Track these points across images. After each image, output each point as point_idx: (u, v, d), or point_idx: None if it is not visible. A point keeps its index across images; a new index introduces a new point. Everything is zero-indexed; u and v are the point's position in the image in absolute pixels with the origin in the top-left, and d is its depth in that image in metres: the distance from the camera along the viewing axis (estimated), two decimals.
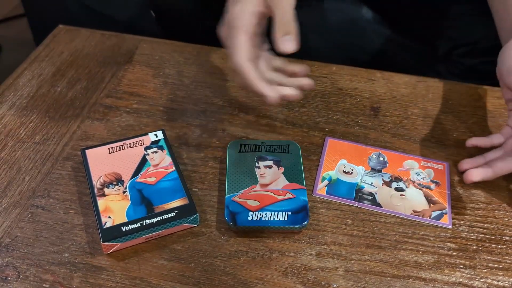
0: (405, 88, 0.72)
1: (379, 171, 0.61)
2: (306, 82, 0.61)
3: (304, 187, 0.57)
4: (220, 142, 0.63)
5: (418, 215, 0.56)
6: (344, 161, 0.61)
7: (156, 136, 0.61)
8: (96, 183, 0.55)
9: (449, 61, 0.60)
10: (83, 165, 0.58)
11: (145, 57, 0.76)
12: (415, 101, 0.71)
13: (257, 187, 0.56)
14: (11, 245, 0.52)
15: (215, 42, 0.77)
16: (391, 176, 0.60)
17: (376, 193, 0.58)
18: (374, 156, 0.62)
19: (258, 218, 0.53)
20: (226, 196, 0.55)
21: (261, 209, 0.54)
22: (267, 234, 0.54)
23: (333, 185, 0.59)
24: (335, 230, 0.55)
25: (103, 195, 0.54)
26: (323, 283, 0.50)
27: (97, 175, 0.56)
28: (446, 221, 0.56)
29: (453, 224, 0.56)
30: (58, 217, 0.55)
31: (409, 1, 0.86)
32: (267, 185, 0.56)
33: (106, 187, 0.55)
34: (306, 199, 0.55)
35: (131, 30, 0.84)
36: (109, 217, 0.52)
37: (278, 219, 0.53)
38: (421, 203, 0.57)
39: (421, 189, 0.59)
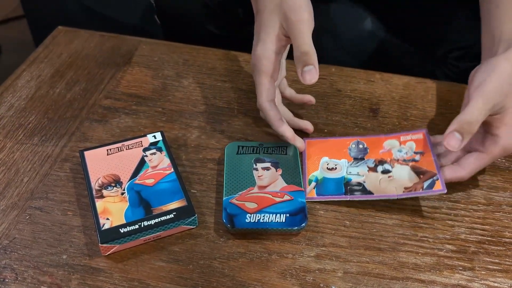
0: (404, 89, 0.72)
1: (362, 159, 0.60)
2: (309, 127, 0.65)
3: (302, 189, 0.56)
4: (218, 144, 0.63)
5: (410, 191, 0.56)
6: (325, 158, 0.61)
7: (155, 138, 0.61)
8: (95, 185, 0.55)
9: (445, 64, 0.60)
10: (82, 167, 0.58)
11: (144, 59, 0.76)
12: (414, 102, 0.70)
13: (255, 189, 0.56)
14: (9, 247, 0.52)
15: (219, 48, 0.78)
16: (374, 161, 0.60)
17: (364, 182, 0.58)
18: (354, 146, 0.62)
19: (256, 220, 0.53)
20: (224, 198, 0.55)
21: (259, 211, 0.54)
22: (265, 235, 0.54)
23: (321, 185, 0.58)
24: (334, 232, 0.54)
25: (102, 196, 0.54)
26: (321, 285, 0.50)
27: (96, 177, 0.56)
28: (439, 187, 0.55)
29: (452, 226, 0.55)
30: (56, 219, 0.55)
31: (407, 5, 0.86)
32: (265, 187, 0.56)
33: (105, 189, 0.55)
34: (304, 200, 0.55)
35: (131, 31, 0.84)
36: (107, 219, 0.52)
37: (276, 221, 0.53)
38: (410, 178, 0.57)
39: (407, 164, 0.59)
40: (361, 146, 0.62)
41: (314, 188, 0.58)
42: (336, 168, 0.60)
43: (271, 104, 0.59)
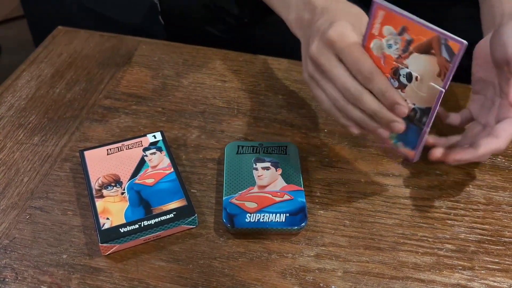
0: None
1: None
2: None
3: (302, 188, 0.56)
4: (218, 144, 0.63)
5: (444, 73, 0.47)
6: None
7: (155, 138, 0.61)
8: (95, 185, 0.55)
9: None
10: (82, 167, 0.58)
11: (144, 58, 0.76)
12: None
13: (255, 189, 0.56)
14: (9, 247, 0.52)
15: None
16: (389, 78, 0.50)
17: (414, 104, 0.50)
18: None
19: (256, 220, 0.53)
20: (223, 198, 0.55)
21: (258, 210, 0.54)
22: (265, 235, 0.54)
23: (403, 137, 0.54)
24: (334, 231, 0.54)
25: (101, 196, 0.54)
26: (321, 285, 0.50)
27: (96, 177, 0.56)
28: (456, 44, 0.45)
29: (452, 226, 0.55)
30: (56, 219, 0.55)
31: (406, 5, 0.86)
32: (265, 186, 0.56)
33: (105, 189, 0.55)
34: (304, 200, 0.55)
35: (131, 32, 0.84)
36: (107, 219, 0.52)
37: (276, 220, 0.53)
38: (430, 62, 0.47)
39: (411, 53, 0.48)
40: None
41: (405, 147, 0.54)
42: None
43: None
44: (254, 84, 0.73)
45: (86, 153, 0.59)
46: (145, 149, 0.60)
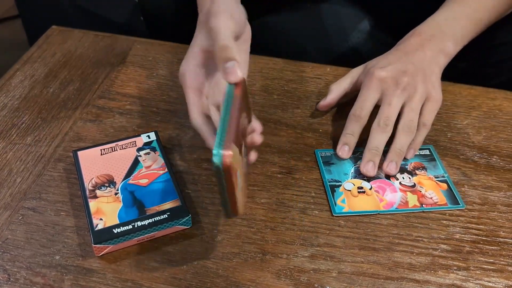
0: None
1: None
2: (257, 139, 0.54)
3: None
4: None
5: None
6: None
7: (149, 138, 0.61)
8: (88, 185, 0.55)
9: None
10: (75, 167, 0.57)
11: (138, 58, 0.76)
12: None
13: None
14: (1, 248, 0.52)
15: None
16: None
17: None
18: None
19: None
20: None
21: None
22: (260, 235, 0.53)
23: None
24: (328, 232, 0.54)
25: (95, 197, 0.54)
26: (316, 285, 0.50)
27: (89, 177, 0.56)
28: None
29: (447, 226, 0.55)
30: (49, 219, 0.54)
31: (404, 5, 0.85)
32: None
33: (98, 189, 0.55)
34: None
35: (125, 31, 0.84)
36: (101, 219, 0.52)
37: None
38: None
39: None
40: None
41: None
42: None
43: (202, 120, 0.55)
44: (249, 84, 0.72)
45: (79, 153, 0.58)
46: (139, 149, 0.59)
